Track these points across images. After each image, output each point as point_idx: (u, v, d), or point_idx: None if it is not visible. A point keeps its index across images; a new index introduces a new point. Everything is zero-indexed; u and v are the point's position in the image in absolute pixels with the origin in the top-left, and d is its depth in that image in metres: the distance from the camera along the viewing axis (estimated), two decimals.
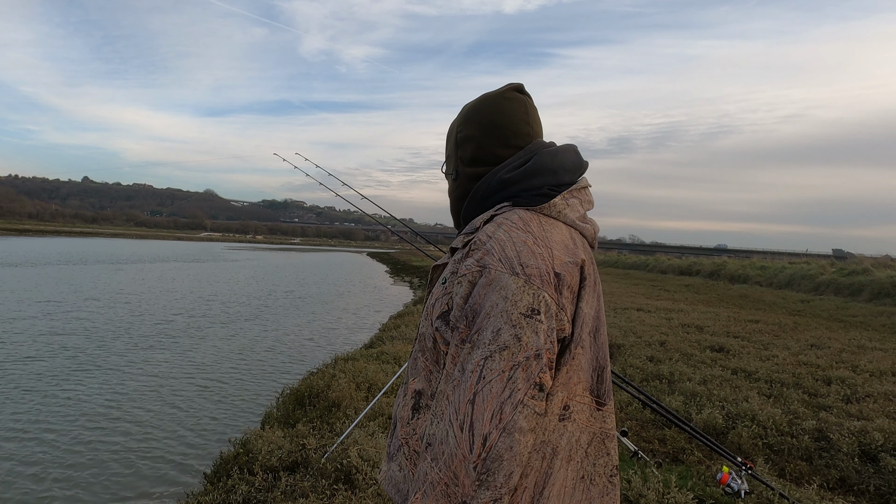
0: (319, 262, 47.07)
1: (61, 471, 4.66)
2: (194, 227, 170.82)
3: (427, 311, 1.18)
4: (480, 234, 1.10)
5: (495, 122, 1.25)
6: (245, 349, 9.67)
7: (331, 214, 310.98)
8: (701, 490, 3.53)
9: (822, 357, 7.74)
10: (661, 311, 12.93)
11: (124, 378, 7.36)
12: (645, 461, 3.92)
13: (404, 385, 1.26)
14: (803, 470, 4.08)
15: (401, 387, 1.30)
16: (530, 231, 1.08)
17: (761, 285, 23.11)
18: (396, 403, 1.30)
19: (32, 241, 52.84)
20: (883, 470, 3.99)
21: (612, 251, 73.83)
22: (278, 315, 14.15)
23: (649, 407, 3.46)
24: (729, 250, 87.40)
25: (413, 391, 1.18)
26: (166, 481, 4.58)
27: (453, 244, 1.21)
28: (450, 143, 1.33)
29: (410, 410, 1.17)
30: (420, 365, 1.18)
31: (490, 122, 1.25)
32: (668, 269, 33.34)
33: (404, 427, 1.19)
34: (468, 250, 1.09)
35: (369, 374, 6.06)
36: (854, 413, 5.13)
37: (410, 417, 1.17)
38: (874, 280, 17.40)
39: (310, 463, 3.85)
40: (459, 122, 1.30)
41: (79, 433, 5.44)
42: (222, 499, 3.49)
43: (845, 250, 58.44)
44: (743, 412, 4.92)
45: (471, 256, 1.07)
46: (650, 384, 6.09)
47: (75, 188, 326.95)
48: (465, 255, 1.10)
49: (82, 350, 8.77)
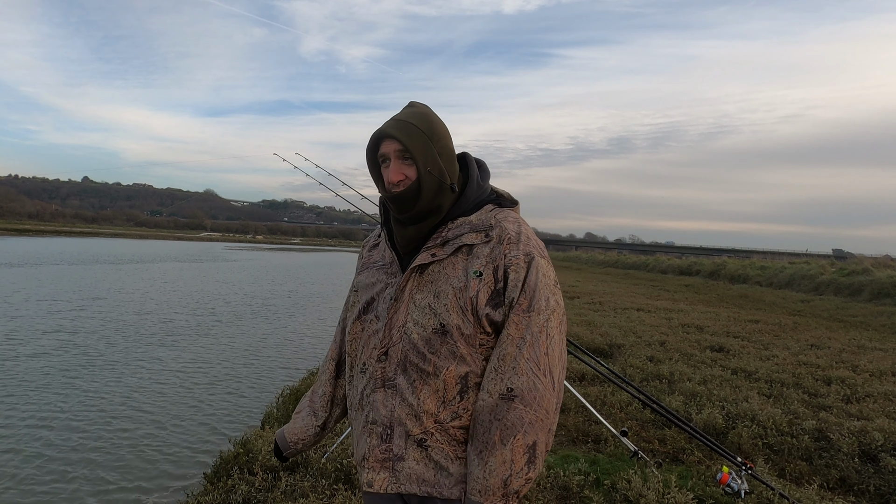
0: (319, 262, 47.08)
1: (57, 469, 4.66)
2: (194, 227, 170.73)
3: (459, 303, 1.32)
4: (509, 231, 1.36)
5: (448, 135, 1.44)
6: (245, 349, 9.67)
7: (331, 214, 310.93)
8: (701, 490, 3.53)
9: (822, 357, 7.74)
10: (661, 311, 12.94)
11: (124, 378, 7.36)
12: (645, 461, 3.92)
13: (427, 378, 1.34)
14: (803, 470, 4.08)
15: (407, 387, 1.36)
16: (528, 225, 1.42)
17: (761, 285, 23.11)
18: (393, 405, 1.38)
19: (32, 241, 52.84)
20: (883, 470, 3.99)
21: (612, 251, 73.80)
22: (278, 315, 14.15)
23: (649, 407, 3.46)
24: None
25: (457, 377, 1.33)
26: (166, 481, 4.58)
27: (467, 241, 1.36)
28: (443, 151, 1.42)
29: (458, 394, 1.34)
30: (461, 353, 1.33)
31: (448, 135, 1.44)
32: (668, 269, 33.35)
33: (437, 415, 1.34)
34: (502, 242, 1.34)
35: None
36: (854, 413, 5.13)
37: (459, 400, 1.34)
38: (874, 280, 17.40)
39: (310, 463, 3.85)
40: (438, 133, 1.41)
41: (77, 432, 5.44)
42: (222, 499, 3.49)
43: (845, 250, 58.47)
44: (743, 412, 4.92)
45: (513, 248, 1.34)
46: (650, 384, 6.09)
47: (75, 188, 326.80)
48: (497, 246, 1.34)
49: (80, 349, 8.77)
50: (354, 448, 1.51)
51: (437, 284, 1.35)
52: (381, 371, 1.39)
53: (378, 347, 1.40)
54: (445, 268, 1.36)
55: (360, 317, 1.49)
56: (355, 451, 1.50)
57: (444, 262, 1.37)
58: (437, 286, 1.35)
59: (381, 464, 1.38)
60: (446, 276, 1.35)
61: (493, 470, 1.27)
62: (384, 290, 1.45)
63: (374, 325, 1.43)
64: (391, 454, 1.37)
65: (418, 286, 1.38)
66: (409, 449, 1.35)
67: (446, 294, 1.33)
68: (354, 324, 1.50)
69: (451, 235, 1.38)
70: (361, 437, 1.44)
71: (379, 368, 1.39)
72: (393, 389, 1.37)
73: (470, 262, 1.35)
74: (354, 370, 1.49)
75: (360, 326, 1.49)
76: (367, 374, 1.43)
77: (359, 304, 1.51)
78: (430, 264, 1.38)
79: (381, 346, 1.40)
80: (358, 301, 1.53)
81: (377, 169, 1.45)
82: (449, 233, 1.39)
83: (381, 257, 1.52)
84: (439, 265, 1.37)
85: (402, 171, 1.37)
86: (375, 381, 1.40)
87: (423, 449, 1.35)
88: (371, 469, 1.40)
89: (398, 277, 1.43)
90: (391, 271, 1.46)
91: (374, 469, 1.39)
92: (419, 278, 1.38)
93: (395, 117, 1.43)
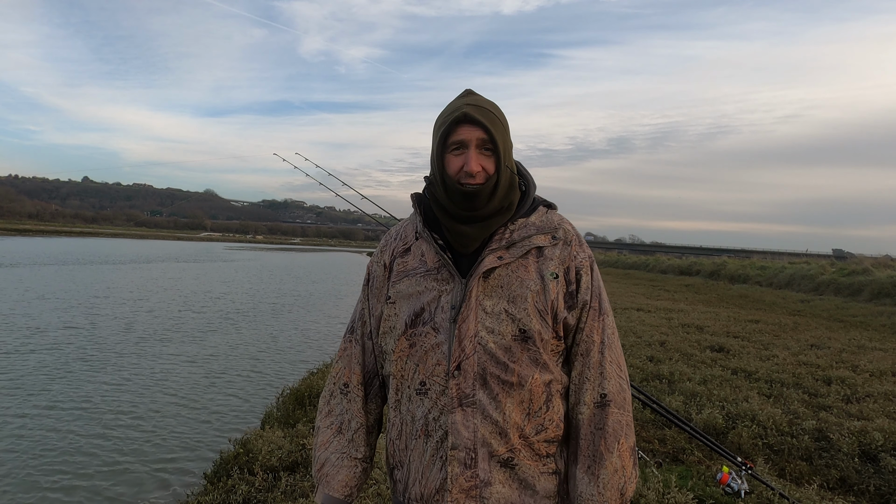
0: (319, 262, 47.08)
1: (57, 469, 4.65)
2: (194, 227, 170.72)
3: (538, 308, 1.25)
4: (571, 233, 1.34)
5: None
6: (245, 349, 9.67)
7: (331, 214, 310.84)
8: (701, 490, 3.53)
9: (822, 357, 7.74)
10: (661, 311, 12.93)
11: (123, 377, 7.35)
12: (645, 461, 3.92)
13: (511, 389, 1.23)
14: (803, 470, 4.07)
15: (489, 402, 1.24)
16: None
17: (761, 285, 23.10)
18: (475, 425, 1.24)
19: (32, 241, 52.82)
20: (883, 470, 3.99)
21: (612, 251, 73.84)
22: (278, 315, 14.14)
23: (649, 407, 3.45)
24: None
25: (543, 384, 1.26)
26: (166, 481, 4.58)
27: (536, 242, 1.29)
28: (507, 139, 1.32)
29: (544, 404, 1.27)
30: (542, 359, 1.26)
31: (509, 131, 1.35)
32: (668, 269, 33.34)
33: (524, 429, 1.25)
34: (570, 244, 1.32)
35: None
36: (854, 413, 5.13)
37: (545, 410, 1.27)
38: (874, 280, 17.39)
39: (310, 463, 3.85)
40: (504, 125, 1.32)
41: (76, 432, 5.43)
42: (222, 499, 3.49)
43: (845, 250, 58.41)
44: (743, 412, 4.92)
45: (580, 249, 1.32)
46: (650, 384, 6.08)
47: (75, 188, 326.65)
48: (565, 247, 1.31)
49: (80, 349, 8.77)
50: (411, 484, 1.30)
51: (511, 289, 1.25)
52: (455, 389, 1.23)
53: (444, 363, 1.25)
54: (516, 271, 1.26)
55: (408, 331, 1.30)
56: (415, 487, 1.29)
57: (512, 266, 1.27)
58: (510, 290, 1.24)
59: (467, 493, 1.23)
60: (519, 279, 1.25)
61: (607, 482, 1.23)
62: (437, 298, 1.28)
63: (433, 339, 1.26)
64: (477, 481, 1.22)
65: (485, 292, 1.25)
66: (495, 472, 1.23)
67: (524, 298, 1.23)
68: (400, 340, 1.31)
69: (517, 237, 1.28)
70: (430, 467, 1.26)
71: (453, 386, 1.23)
72: (473, 407, 1.22)
73: (543, 265, 1.27)
74: (406, 392, 1.30)
75: (407, 342, 1.30)
76: (432, 394, 1.26)
77: (402, 317, 1.31)
78: (496, 268, 1.26)
79: (454, 360, 1.23)
80: (398, 314, 1.32)
81: (443, 155, 1.28)
82: (514, 234, 1.29)
83: (422, 263, 1.33)
84: (506, 269, 1.26)
85: (480, 163, 1.25)
86: (450, 401, 1.23)
87: (509, 469, 1.24)
88: (455, 501, 1.23)
89: (454, 283, 1.27)
90: (442, 277, 1.29)
91: (458, 502, 1.23)
92: (484, 284, 1.26)
93: (471, 100, 1.28)
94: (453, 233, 1.30)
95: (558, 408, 1.29)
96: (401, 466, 1.33)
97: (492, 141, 1.24)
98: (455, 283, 1.27)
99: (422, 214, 1.36)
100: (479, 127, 1.23)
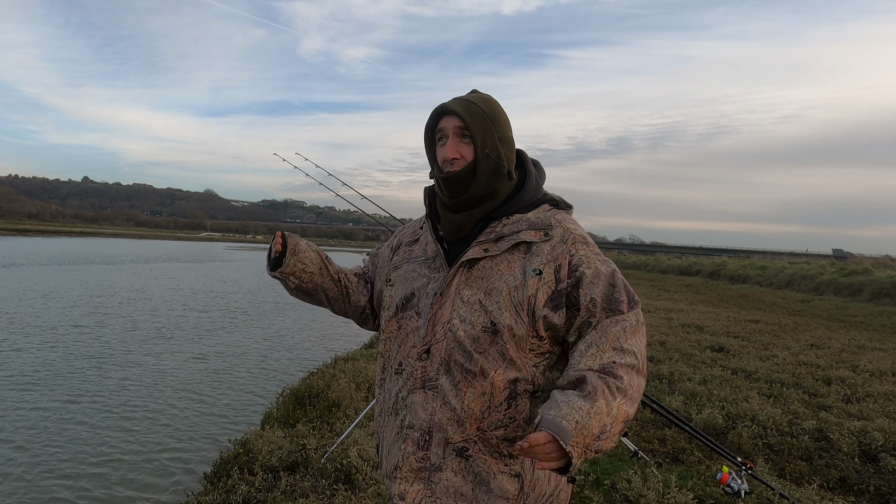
0: None
1: (58, 468, 4.65)
2: (194, 227, 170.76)
3: (513, 302, 1.23)
4: (574, 232, 1.30)
5: (508, 125, 1.38)
6: (245, 349, 9.67)
7: (331, 214, 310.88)
8: (701, 490, 3.53)
9: (822, 357, 7.74)
10: (661, 311, 12.93)
11: (123, 377, 7.35)
12: (645, 461, 3.92)
13: (472, 379, 1.23)
14: (803, 470, 4.08)
15: (450, 388, 1.25)
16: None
17: (761, 285, 23.11)
18: (433, 408, 1.25)
19: (33, 241, 52.81)
20: (883, 470, 3.99)
21: (612, 251, 73.82)
22: (278, 314, 14.14)
23: (649, 407, 3.45)
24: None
25: (506, 381, 1.23)
26: (165, 481, 4.58)
27: (525, 238, 1.28)
28: (503, 137, 1.34)
29: (506, 400, 1.23)
30: (510, 356, 1.23)
31: (508, 124, 1.38)
32: (668, 269, 33.35)
33: (481, 421, 1.23)
34: (566, 242, 1.28)
35: (369, 374, 6.06)
36: (854, 413, 5.13)
37: (506, 407, 1.23)
38: (874, 280, 17.39)
39: (310, 463, 3.85)
40: (500, 119, 1.34)
41: (75, 432, 5.43)
42: (222, 499, 3.49)
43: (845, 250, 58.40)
44: (743, 412, 4.92)
45: (581, 248, 1.28)
46: (650, 384, 6.08)
47: (75, 188, 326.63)
48: (559, 245, 1.27)
49: (79, 348, 8.76)
50: (382, 459, 1.37)
51: (490, 281, 1.26)
52: (421, 370, 1.27)
53: (418, 345, 1.29)
54: (499, 264, 1.27)
55: (398, 314, 1.37)
56: (384, 463, 1.36)
57: (497, 259, 1.28)
58: (489, 283, 1.26)
59: (416, 474, 1.26)
60: (500, 273, 1.26)
61: (599, 411, 1.06)
62: (426, 285, 1.34)
63: (414, 322, 1.32)
64: (428, 463, 1.25)
65: (466, 282, 1.28)
66: (448, 459, 1.24)
67: (499, 292, 1.24)
68: (390, 321, 1.38)
69: (506, 231, 1.29)
70: (394, 444, 1.31)
71: (419, 367, 1.27)
72: (434, 391, 1.25)
73: (528, 261, 1.26)
74: (387, 372, 1.37)
75: (396, 324, 1.37)
76: (404, 374, 1.31)
77: (395, 300, 1.39)
78: (480, 260, 1.28)
79: (423, 343, 1.28)
80: (393, 296, 1.41)
81: (433, 149, 1.36)
82: (504, 228, 1.30)
83: (423, 251, 1.41)
84: (491, 261, 1.28)
85: (458, 150, 1.30)
86: (415, 382, 1.28)
87: (464, 459, 1.23)
88: (404, 479, 1.26)
89: (442, 272, 1.32)
90: (434, 266, 1.36)
91: (408, 479, 1.26)
92: (468, 274, 1.28)
93: (459, 96, 1.36)
94: (444, 221, 1.37)
95: (523, 408, 1.23)
96: (381, 442, 1.40)
97: (468, 128, 1.29)
98: (443, 272, 1.33)
99: (428, 207, 1.44)
100: (456, 116, 1.29)
